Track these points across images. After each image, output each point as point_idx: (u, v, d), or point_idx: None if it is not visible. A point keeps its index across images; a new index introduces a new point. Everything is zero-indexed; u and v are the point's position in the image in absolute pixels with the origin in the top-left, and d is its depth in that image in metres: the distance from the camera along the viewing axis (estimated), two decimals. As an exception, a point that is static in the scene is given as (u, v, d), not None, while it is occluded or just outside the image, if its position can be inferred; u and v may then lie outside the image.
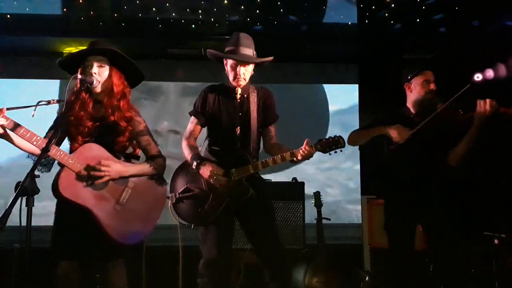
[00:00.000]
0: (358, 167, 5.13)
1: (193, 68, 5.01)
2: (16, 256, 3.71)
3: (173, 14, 3.98)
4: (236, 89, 2.62)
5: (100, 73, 2.31)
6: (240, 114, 2.61)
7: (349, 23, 4.36)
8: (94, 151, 2.28)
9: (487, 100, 2.57)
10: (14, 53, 4.56)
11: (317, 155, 2.50)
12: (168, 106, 5.08)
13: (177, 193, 2.59)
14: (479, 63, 4.49)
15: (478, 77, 4.56)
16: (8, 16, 3.99)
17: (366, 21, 4.34)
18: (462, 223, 3.19)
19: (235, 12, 4.02)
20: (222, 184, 2.49)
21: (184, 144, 2.64)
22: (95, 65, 2.30)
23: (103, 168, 2.24)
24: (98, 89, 2.32)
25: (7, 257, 3.65)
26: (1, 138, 2.18)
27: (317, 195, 4.07)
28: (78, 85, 2.26)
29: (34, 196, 2.00)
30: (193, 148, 2.61)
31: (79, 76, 2.23)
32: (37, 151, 2.20)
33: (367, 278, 3.94)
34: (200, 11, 3.96)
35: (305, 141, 2.44)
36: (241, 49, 2.55)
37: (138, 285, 3.05)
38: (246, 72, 2.59)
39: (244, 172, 2.52)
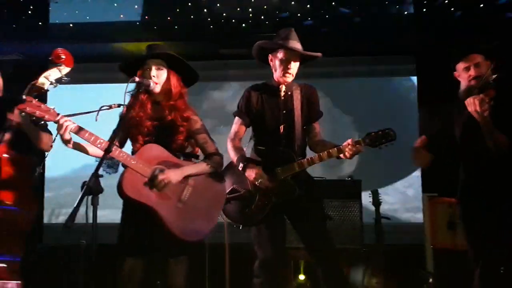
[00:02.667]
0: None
1: (245, 67, 5.00)
2: (83, 252, 3.89)
3: (224, 14, 4.00)
4: (280, 86, 2.59)
5: (158, 75, 2.38)
6: (284, 112, 2.58)
7: (405, 12, 4.17)
8: (154, 151, 2.33)
9: (476, 98, 2.33)
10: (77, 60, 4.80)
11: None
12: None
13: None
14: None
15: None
16: (71, 25, 4.21)
17: (424, 9, 4.13)
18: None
19: (285, 8, 3.97)
20: (267, 187, 2.48)
21: (229, 146, 2.64)
22: (154, 68, 2.37)
23: (160, 178, 2.27)
24: (157, 90, 2.37)
25: (75, 253, 3.84)
26: (73, 148, 2.27)
27: (375, 193, 3.94)
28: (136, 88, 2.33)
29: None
30: (238, 149, 2.62)
31: (137, 79, 2.29)
32: (99, 153, 2.26)
33: (430, 279, 3.75)
34: (250, 9, 3.95)
35: (350, 139, 2.39)
36: (291, 42, 2.52)
37: (200, 281, 3.09)
38: (295, 67, 2.56)
39: (289, 171, 2.49)
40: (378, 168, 4.78)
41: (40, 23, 4.17)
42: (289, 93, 2.61)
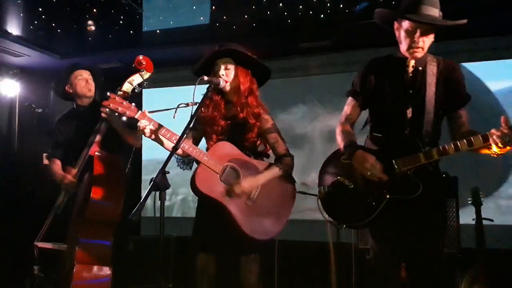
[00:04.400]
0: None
1: (326, 60, 4.84)
2: (173, 244, 4.09)
3: (300, 7, 3.90)
4: (408, 60, 2.14)
5: (227, 74, 2.42)
6: (411, 91, 2.13)
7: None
8: (226, 149, 2.39)
9: None
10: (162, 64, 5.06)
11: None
12: (315, 155, 4.75)
13: (326, 187, 2.29)
14: None
15: None
16: (158, 31, 4.47)
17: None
18: None
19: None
20: (381, 180, 2.08)
21: (337, 130, 2.30)
22: (222, 67, 2.41)
23: (237, 192, 2.31)
24: (227, 88, 2.42)
25: (166, 244, 4.05)
26: (154, 140, 2.39)
27: (475, 191, 3.52)
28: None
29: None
30: (347, 134, 2.24)
31: (206, 78, 2.33)
32: (179, 150, 2.34)
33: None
34: (328, -1, 3.80)
35: (502, 119, 1.85)
36: (423, 8, 2.01)
37: (270, 280, 3.08)
38: (427, 39, 2.07)
39: (412, 163, 2.02)
40: (478, 165, 4.24)
41: (131, 32, 4.51)
42: (420, 68, 2.13)
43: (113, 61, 4.99)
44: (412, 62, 2.13)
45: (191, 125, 2.26)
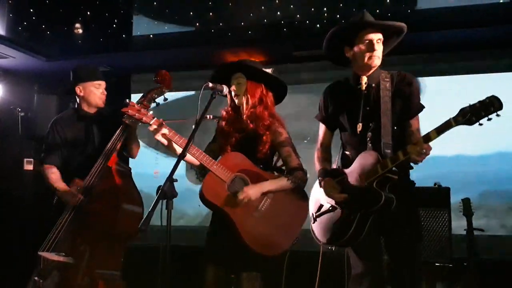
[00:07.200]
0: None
1: (320, 69, 4.82)
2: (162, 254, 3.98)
3: (298, 16, 3.91)
4: (361, 77, 2.25)
5: (238, 88, 2.46)
6: (367, 108, 2.23)
7: (501, 0, 3.73)
8: (237, 159, 2.39)
9: None
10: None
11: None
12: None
13: (313, 213, 2.37)
14: None
15: None
16: (151, 36, 4.41)
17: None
18: None
19: (362, 5, 3.75)
20: (339, 202, 2.22)
21: (315, 156, 2.42)
22: (234, 82, 2.46)
23: (240, 198, 2.28)
24: (239, 101, 2.45)
25: (152, 254, 3.97)
26: (166, 147, 2.37)
27: (466, 202, 3.58)
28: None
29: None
30: (321, 161, 2.39)
31: (210, 85, 2.30)
32: (195, 161, 2.37)
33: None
34: (324, 9, 3.81)
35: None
36: (367, 16, 2.24)
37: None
38: (379, 48, 2.21)
39: (372, 175, 2.10)
40: (468, 175, 4.33)
41: (124, 36, 4.43)
42: (374, 84, 2.24)
43: (102, 65, 4.88)
44: (364, 79, 2.25)
45: (193, 132, 2.24)
